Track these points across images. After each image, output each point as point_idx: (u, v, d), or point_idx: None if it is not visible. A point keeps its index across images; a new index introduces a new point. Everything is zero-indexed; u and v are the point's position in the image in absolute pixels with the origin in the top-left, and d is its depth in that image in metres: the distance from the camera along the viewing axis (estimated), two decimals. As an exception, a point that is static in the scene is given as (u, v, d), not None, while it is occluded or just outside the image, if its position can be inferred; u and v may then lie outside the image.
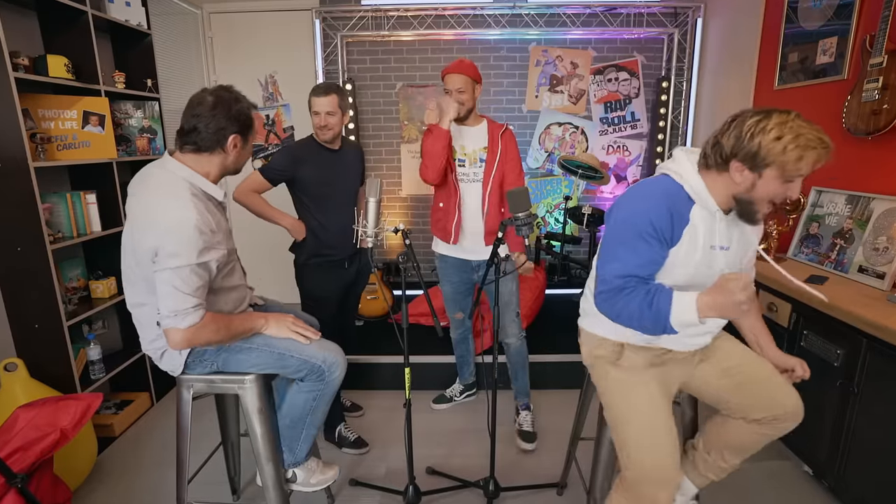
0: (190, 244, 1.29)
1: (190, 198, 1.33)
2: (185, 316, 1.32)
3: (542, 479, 2.11)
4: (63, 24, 2.31)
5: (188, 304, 1.31)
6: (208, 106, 1.37)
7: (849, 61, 2.30)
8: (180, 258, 1.28)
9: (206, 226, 1.32)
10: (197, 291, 1.33)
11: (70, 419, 1.66)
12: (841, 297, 1.91)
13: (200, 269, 1.32)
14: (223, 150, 1.42)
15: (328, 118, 2.08)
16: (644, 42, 3.71)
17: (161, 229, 1.28)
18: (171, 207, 1.31)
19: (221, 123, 1.38)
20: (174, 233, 1.28)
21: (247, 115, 1.43)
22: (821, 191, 2.41)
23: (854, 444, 1.81)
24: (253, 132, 1.47)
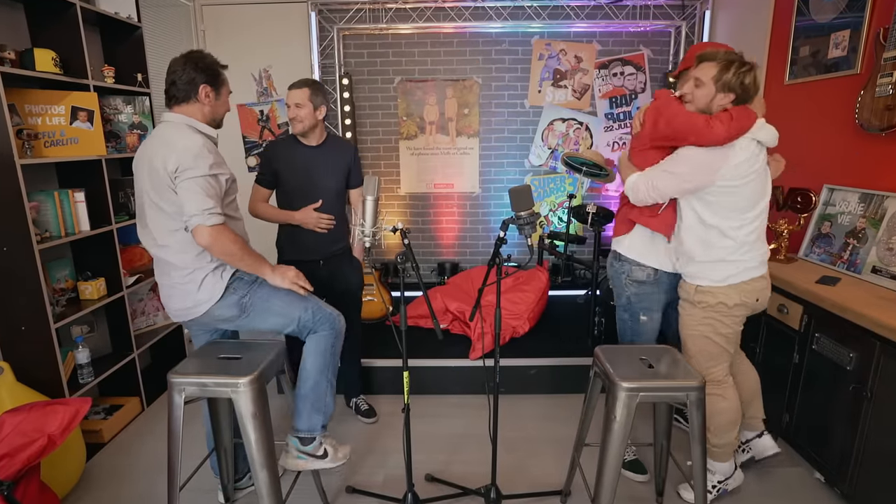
0: (203, 159, 1.59)
1: (190, 132, 1.66)
2: (210, 215, 1.57)
3: (545, 487, 2.11)
4: (50, 16, 2.31)
5: (210, 205, 1.58)
6: (180, 62, 1.70)
7: (862, 55, 2.30)
8: (198, 169, 1.57)
9: (208, 149, 1.63)
10: (215, 198, 1.60)
11: (58, 425, 1.66)
12: (854, 298, 1.91)
13: (213, 181, 1.61)
14: (198, 100, 1.71)
15: (297, 110, 2.17)
16: (650, 35, 3.71)
17: (179, 150, 1.58)
18: (183, 136, 1.63)
19: (191, 75, 1.69)
20: (190, 151, 1.58)
21: (213, 67, 1.74)
22: (833, 189, 2.41)
23: (868, 450, 1.81)
24: (222, 84, 1.77)
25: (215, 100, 1.75)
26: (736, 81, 1.66)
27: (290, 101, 2.17)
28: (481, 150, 3.94)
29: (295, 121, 2.18)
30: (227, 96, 1.81)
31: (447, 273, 3.88)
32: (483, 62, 3.79)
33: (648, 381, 1.57)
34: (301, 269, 2.24)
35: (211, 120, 1.76)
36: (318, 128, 2.24)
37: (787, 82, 2.77)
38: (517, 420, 2.60)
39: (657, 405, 1.86)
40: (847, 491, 1.90)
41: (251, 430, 1.56)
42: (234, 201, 1.80)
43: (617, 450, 1.58)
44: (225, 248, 1.62)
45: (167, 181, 1.58)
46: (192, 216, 1.57)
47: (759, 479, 2.16)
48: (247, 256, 1.68)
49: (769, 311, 2.31)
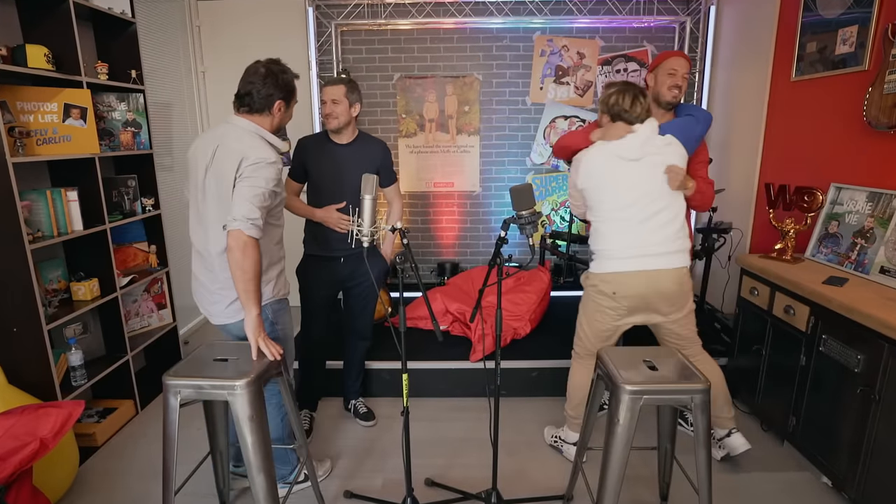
0: (271, 172, 1.68)
1: (265, 143, 1.76)
2: (252, 226, 1.63)
3: (547, 491, 2.11)
4: (43, 12, 2.31)
5: (256, 215, 1.64)
6: (261, 75, 1.80)
7: (870, 51, 2.30)
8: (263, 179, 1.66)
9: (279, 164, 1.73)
10: (263, 210, 1.67)
11: (50, 428, 1.66)
12: (862, 299, 1.91)
13: (270, 195, 1.69)
14: (270, 113, 1.82)
15: (333, 107, 2.19)
16: (654, 31, 3.71)
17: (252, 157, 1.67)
18: (258, 146, 1.72)
19: (270, 90, 1.79)
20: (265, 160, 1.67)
21: (291, 84, 1.85)
22: (840, 187, 2.41)
23: (876, 453, 1.81)
24: (294, 100, 1.90)
25: (284, 112, 1.87)
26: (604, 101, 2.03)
27: (327, 98, 2.19)
28: (482, 148, 3.94)
29: (330, 117, 2.20)
30: (294, 107, 1.93)
31: (447, 273, 3.88)
32: (484, 58, 3.79)
33: (652, 383, 1.57)
34: (322, 265, 2.35)
35: (276, 128, 1.88)
36: (351, 125, 2.26)
37: (794, 79, 2.77)
38: (518, 423, 2.60)
39: (661, 408, 1.86)
40: (855, 496, 1.90)
41: (248, 434, 1.56)
42: (278, 208, 1.87)
43: (620, 453, 1.58)
44: (243, 263, 1.63)
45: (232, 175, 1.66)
46: (235, 219, 1.62)
47: (765, 483, 2.16)
48: (252, 280, 1.66)
49: (775, 311, 2.32)
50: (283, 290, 1.95)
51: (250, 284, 1.65)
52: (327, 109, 2.20)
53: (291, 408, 1.84)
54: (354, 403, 2.67)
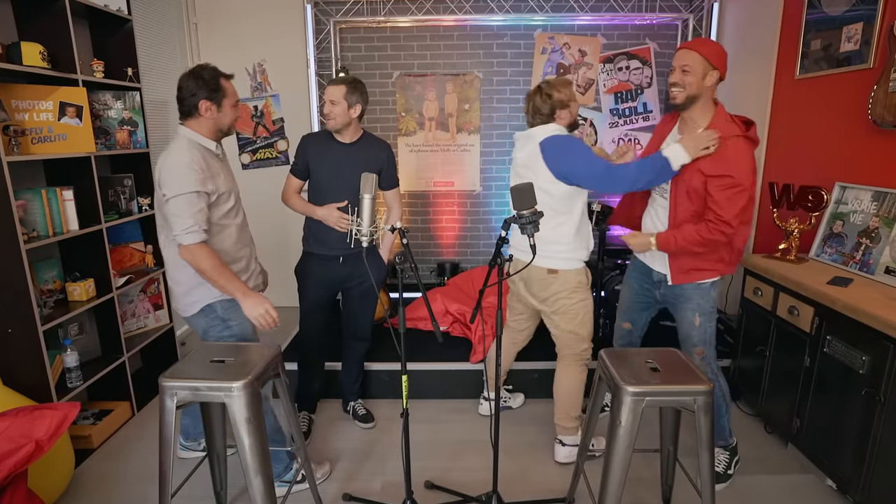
0: (185, 177, 1.74)
1: (187, 146, 1.80)
2: (187, 234, 1.75)
3: (549, 494, 2.11)
4: (38, 9, 2.31)
5: (188, 224, 1.74)
6: (184, 78, 1.84)
7: (875, 49, 2.30)
8: (178, 188, 1.74)
9: (196, 164, 1.77)
10: (195, 216, 1.76)
11: (45, 430, 1.66)
12: (867, 299, 1.91)
13: (196, 197, 1.76)
14: (199, 114, 1.85)
15: (331, 107, 2.21)
16: (657, 28, 3.71)
17: (165, 169, 1.77)
18: (174, 154, 1.80)
19: (192, 90, 1.82)
20: (173, 170, 1.76)
21: (214, 82, 1.84)
22: (845, 187, 2.41)
23: (881, 456, 1.81)
24: (224, 96, 1.87)
25: (217, 112, 1.87)
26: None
27: (326, 98, 2.22)
28: (482, 146, 3.94)
29: (328, 117, 2.23)
30: (233, 105, 1.92)
31: (447, 274, 3.88)
32: (484, 56, 3.79)
33: (655, 385, 1.57)
34: (321, 264, 2.36)
35: (216, 131, 1.91)
36: (352, 126, 2.26)
37: (798, 77, 2.77)
38: (519, 425, 2.60)
39: (664, 410, 1.86)
40: (860, 499, 1.90)
41: (245, 436, 1.56)
42: (231, 210, 1.94)
43: (622, 456, 1.58)
44: (198, 266, 1.79)
45: (160, 195, 1.79)
46: (176, 235, 1.77)
47: (769, 485, 2.16)
48: (218, 277, 1.80)
49: (779, 312, 2.32)
50: None
51: (218, 280, 1.81)
52: (326, 109, 2.22)
53: (289, 409, 1.84)
54: (353, 405, 2.67)
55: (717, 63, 1.89)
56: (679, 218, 2.01)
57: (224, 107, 1.89)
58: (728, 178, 1.86)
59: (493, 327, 1.83)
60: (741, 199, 1.86)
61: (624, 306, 2.35)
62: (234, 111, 1.94)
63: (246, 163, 4.06)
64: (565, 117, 2.12)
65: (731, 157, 1.86)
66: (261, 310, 1.85)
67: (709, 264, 2.01)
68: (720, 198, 1.87)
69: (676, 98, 1.94)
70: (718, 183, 1.87)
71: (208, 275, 1.80)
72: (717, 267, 2.03)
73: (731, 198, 1.86)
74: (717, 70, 1.89)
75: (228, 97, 1.89)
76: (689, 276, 2.04)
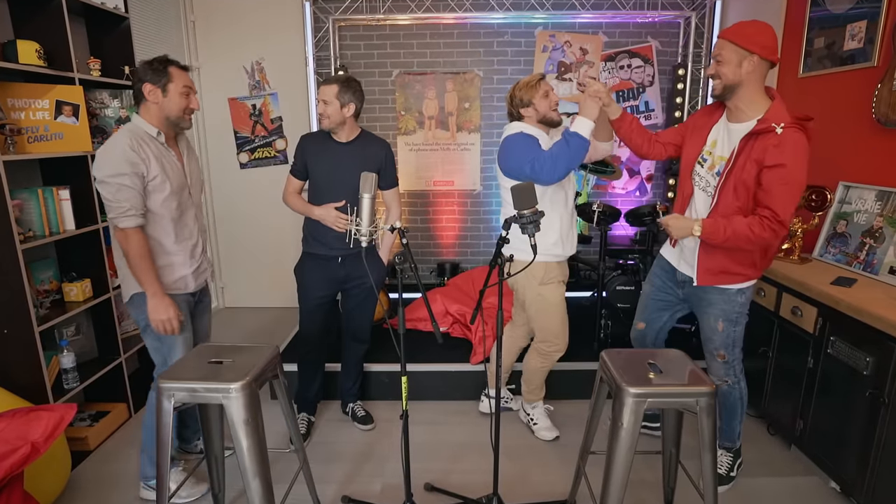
0: (114, 162, 1.77)
1: (127, 134, 1.82)
2: (120, 218, 1.79)
3: (549, 497, 2.11)
4: (34, 6, 2.31)
5: (120, 209, 1.78)
6: (133, 73, 1.91)
7: (879, 47, 2.30)
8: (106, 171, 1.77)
9: (128, 146, 1.79)
10: (131, 199, 1.79)
11: (42, 432, 1.66)
12: (870, 300, 1.91)
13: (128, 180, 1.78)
14: (146, 99, 1.87)
15: (323, 107, 2.21)
16: (659, 26, 3.71)
17: (97, 155, 1.80)
18: (110, 141, 1.83)
19: (139, 76, 1.87)
20: (102, 156, 1.79)
21: (159, 66, 1.86)
22: (849, 186, 2.41)
23: (885, 458, 1.81)
24: (169, 80, 1.88)
25: (162, 97, 1.88)
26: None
27: (319, 97, 2.23)
28: (483, 145, 3.94)
29: (322, 117, 2.24)
30: (182, 93, 1.91)
31: (447, 274, 3.88)
32: (484, 54, 3.79)
33: (657, 386, 1.57)
34: (320, 264, 2.36)
35: (163, 119, 1.91)
36: (347, 125, 2.26)
37: (802, 75, 2.77)
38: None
39: (665, 411, 1.86)
40: (864, 501, 1.90)
41: (243, 438, 1.56)
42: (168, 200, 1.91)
43: (624, 458, 1.57)
44: (125, 249, 1.84)
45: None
46: (111, 217, 1.81)
47: (772, 488, 2.16)
48: (138, 266, 1.84)
49: (782, 313, 2.31)
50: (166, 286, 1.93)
51: (136, 268, 1.84)
52: (319, 109, 2.24)
53: (287, 410, 1.84)
54: (352, 407, 2.67)
55: (754, 46, 1.73)
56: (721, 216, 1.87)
57: (170, 92, 1.88)
58: (783, 170, 1.70)
59: (494, 328, 1.82)
60: (797, 195, 1.72)
61: (641, 305, 2.28)
62: (183, 99, 1.92)
63: (244, 162, 4.06)
64: (532, 114, 2.22)
65: (786, 145, 1.70)
66: (164, 315, 1.86)
67: (740, 268, 1.90)
68: (777, 192, 1.71)
69: (715, 90, 1.87)
70: (774, 174, 1.71)
71: (130, 260, 1.83)
72: (748, 272, 1.92)
73: (787, 193, 1.70)
74: (756, 54, 1.73)
75: (175, 82, 1.89)
76: (718, 278, 1.94)
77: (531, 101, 2.20)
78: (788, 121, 1.73)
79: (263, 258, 4.13)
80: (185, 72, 1.95)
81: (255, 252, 4.19)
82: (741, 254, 1.88)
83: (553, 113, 2.24)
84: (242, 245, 4.21)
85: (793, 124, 1.73)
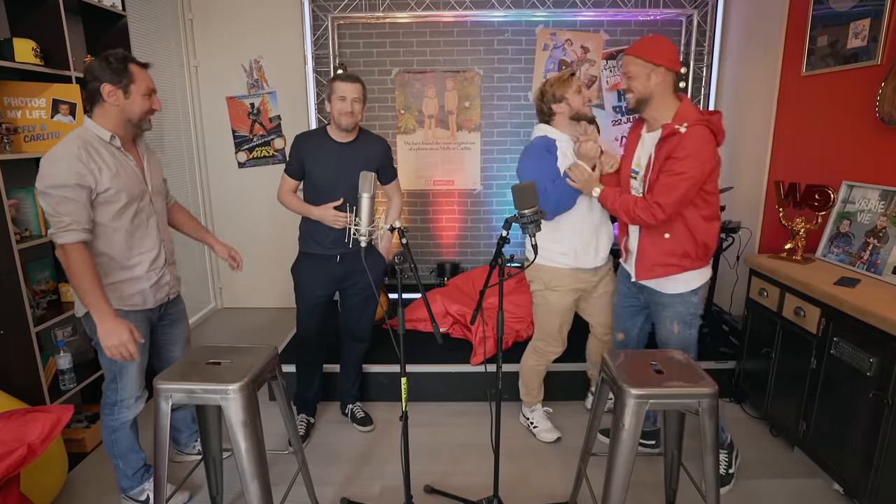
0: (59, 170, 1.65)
1: (76, 141, 1.69)
2: (59, 233, 1.66)
3: (550, 498, 2.11)
4: (30, 4, 2.31)
5: (60, 223, 1.65)
6: (89, 63, 1.73)
7: (883, 45, 2.30)
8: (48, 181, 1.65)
9: (76, 156, 1.66)
10: (74, 213, 1.66)
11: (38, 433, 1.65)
12: (874, 300, 1.91)
13: (72, 190, 1.65)
14: (103, 101, 1.74)
15: (354, 105, 2.20)
16: (661, 24, 3.71)
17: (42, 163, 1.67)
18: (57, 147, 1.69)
19: (95, 73, 1.71)
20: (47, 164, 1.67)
21: (119, 66, 1.73)
22: (852, 186, 2.41)
23: (889, 459, 1.80)
24: (131, 81, 1.75)
25: (124, 99, 1.75)
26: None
27: (349, 95, 2.18)
28: (483, 144, 3.94)
29: (351, 115, 2.20)
30: (145, 95, 1.79)
31: (447, 274, 3.87)
32: (485, 53, 3.79)
33: (658, 387, 1.57)
34: (318, 263, 2.35)
35: (124, 122, 1.79)
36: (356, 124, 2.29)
37: (805, 74, 2.77)
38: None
39: (667, 413, 1.86)
40: (867, 503, 1.90)
41: (241, 439, 1.56)
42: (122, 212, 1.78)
43: (625, 459, 1.57)
44: (67, 269, 1.70)
45: None
46: (51, 232, 1.68)
47: (774, 489, 2.16)
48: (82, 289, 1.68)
49: (785, 313, 2.31)
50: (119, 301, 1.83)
51: (81, 291, 1.70)
52: (347, 107, 2.18)
53: (286, 411, 1.84)
54: (351, 408, 2.67)
55: (659, 59, 1.87)
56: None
57: (132, 94, 1.76)
58: (675, 162, 1.83)
59: (494, 329, 1.82)
60: (681, 187, 1.83)
61: (615, 316, 2.35)
62: (146, 101, 1.80)
63: (242, 161, 4.06)
64: (564, 110, 2.18)
65: (685, 141, 1.82)
66: (116, 340, 1.70)
67: (674, 259, 1.98)
68: (664, 180, 1.86)
69: (629, 103, 2.00)
70: (667, 166, 1.86)
71: (72, 280, 1.68)
72: (683, 263, 1.98)
73: (670, 183, 1.84)
74: (662, 66, 1.87)
75: (137, 83, 1.76)
76: (653, 271, 2.02)
77: (564, 96, 2.16)
78: (693, 120, 1.84)
79: (262, 258, 4.12)
80: (146, 70, 1.82)
81: (253, 252, 4.18)
82: (669, 243, 1.97)
83: (586, 108, 2.20)
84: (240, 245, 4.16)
85: (697, 122, 1.83)
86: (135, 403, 1.96)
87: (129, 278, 1.85)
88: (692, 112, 1.87)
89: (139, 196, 1.84)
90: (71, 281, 1.70)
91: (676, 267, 1.99)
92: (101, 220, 1.75)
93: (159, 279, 1.94)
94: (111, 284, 1.81)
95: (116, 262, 1.82)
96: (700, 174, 1.83)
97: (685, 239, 1.96)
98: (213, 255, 4.19)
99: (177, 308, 2.12)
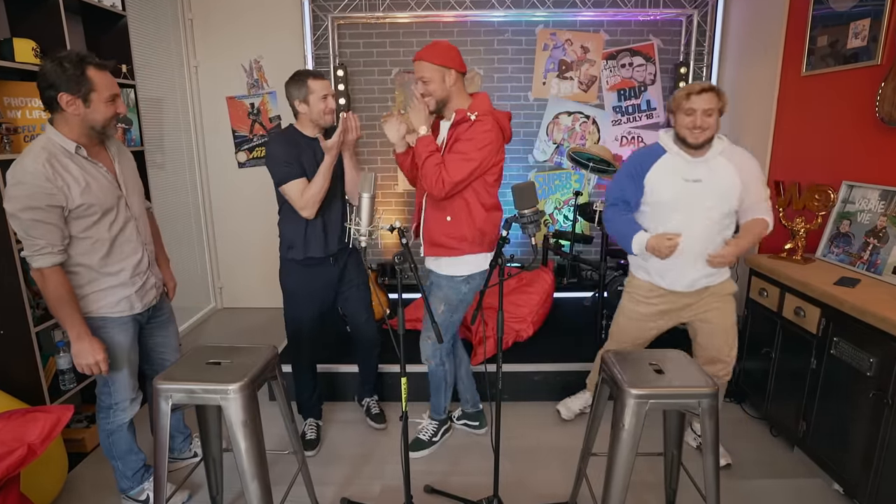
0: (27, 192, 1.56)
1: (41, 154, 1.60)
2: (34, 257, 1.62)
3: (550, 499, 2.11)
4: (30, 5, 2.31)
5: (34, 246, 1.61)
6: (44, 65, 1.61)
7: (883, 45, 2.30)
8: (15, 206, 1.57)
9: (46, 179, 1.58)
10: (47, 235, 1.61)
11: (38, 433, 1.65)
12: (874, 300, 1.91)
13: (44, 213, 1.59)
14: (62, 110, 1.63)
15: (332, 101, 2.20)
16: (661, 24, 3.71)
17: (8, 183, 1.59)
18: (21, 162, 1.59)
19: (49, 81, 1.59)
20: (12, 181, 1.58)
21: (77, 73, 1.60)
22: (852, 185, 2.41)
23: (889, 459, 1.81)
24: (91, 89, 1.63)
25: (85, 105, 1.64)
26: None
27: (329, 92, 2.19)
28: (483, 144, 3.93)
29: (332, 112, 2.22)
30: (108, 101, 1.68)
31: (447, 274, 3.87)
32: (485, 53, 3.79)
33: (658, 387, 1.57)
34: (312, 271, 2.30)
35: (87, 129, 1.68)
36: None
37: (805, 74, 2.77)
38: (520, 429, 2.60)
39: (667, 413, 1.86)
40: (867, 503, 1.90)
41: (241, 439, 1.56)
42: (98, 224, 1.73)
43: (625, 459, 1.57)
44: (43, 292, 1.67)
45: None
46: (25, 255, 1.64)
47: (774, 489, 2.16)
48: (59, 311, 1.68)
49: (785, 313, 2.31)
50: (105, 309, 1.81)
51: (58, 313, 1.69)
52: (332, 104, 2.19)
53: (286, 411, 1.83)
54: (368, 402, 2.67)
55: (449, 62, 1.99)
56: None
57: (93, 102, 1.64)
58: (462, 143, 1.97)
59: (494, 329, 1.82)
60: (465, 168, 1.95)
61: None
62: (109, 107, 1.69)
63: (242, 161, 4.06)
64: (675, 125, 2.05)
65: (475, 127, 1.97)
66: (90, 360, 1.72)
67: (453, 241, 2.08)
68: (449, 158, 1.97)
69: (430, 107, 2.05)
70: (455, 147, 1.99)
71: (49, 302, 1.67)
72: (462, 246, 2.08)
73: (454, 161, 1.95)
74: (452, 68, 1.99)
75: (98, 91, 1.64)
76: (434, 250, 2.14)
77: (674, 111, 2.03)
78: (483, 111, 2.00)
79: (262, 258, 4.12)
80: (107, 71, 1.69)
81: (253, 252, 4.19)
82: (450, 227, 2.08)
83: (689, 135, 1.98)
84: (240, 244, 4.21)
85: (486, 113, 1.99)
86: (129, 406, 1.96)
87: (112, 286, 1.81)
88: (485, 105, 2.02)
89: (114, 205, 1.76)
90: (47, 301, 1.69)
91: (456, 250, 2.09)
92: (77, 234, 1.70)
93: (144, 283, 1.90)
94: (95, 293, 1.78)
95: (97, 271, 1.77)
96: (482, 159, 1.97)
97: (465, 224, 2.06)
98: (213, 255, 4.21)
99: (162, 312, 2.08)
